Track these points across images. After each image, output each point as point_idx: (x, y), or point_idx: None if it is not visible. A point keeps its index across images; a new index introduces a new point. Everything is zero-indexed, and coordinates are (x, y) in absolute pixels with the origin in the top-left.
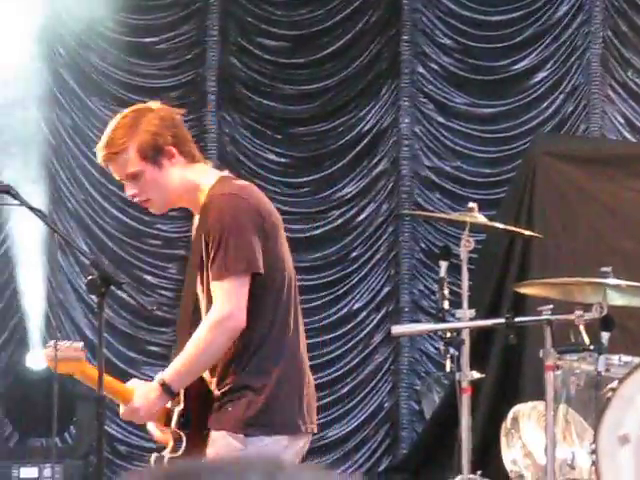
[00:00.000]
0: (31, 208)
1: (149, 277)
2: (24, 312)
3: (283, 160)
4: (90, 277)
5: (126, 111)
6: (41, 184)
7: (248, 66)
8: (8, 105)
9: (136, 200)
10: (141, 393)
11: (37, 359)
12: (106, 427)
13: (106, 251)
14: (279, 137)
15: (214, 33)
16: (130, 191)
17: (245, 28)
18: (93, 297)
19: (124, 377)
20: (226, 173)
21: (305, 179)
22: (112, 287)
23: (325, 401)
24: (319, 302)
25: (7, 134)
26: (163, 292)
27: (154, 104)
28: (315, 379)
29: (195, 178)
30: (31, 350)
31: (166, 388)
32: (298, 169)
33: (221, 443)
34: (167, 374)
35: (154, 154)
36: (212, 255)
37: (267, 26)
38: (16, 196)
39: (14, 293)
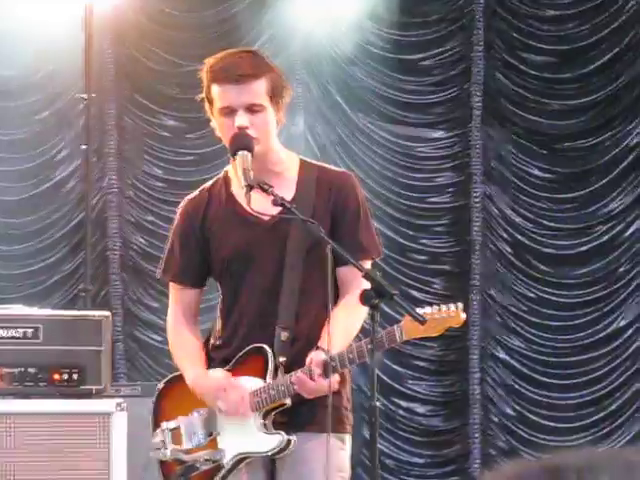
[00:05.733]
0: (303, 220)
1: (414, 292)
2: None
3: (548, 176)
4: (364, 289)
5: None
6: None
7: (513, 81)
8: None
9: (242, 132)
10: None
11: None
12: None
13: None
14: (544, 152)
15: (479, 49)
16: (243, 121)
17: (510, 43)
18: None
19: (389, 392)
20: None
21: (571, 195)
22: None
23: (592, 419)
24: (585, 319)
25: None
26: None
27: None
28: (580, 397)
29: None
30: None
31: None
32: (563, 185)
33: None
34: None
35: (279, 99)
36: (363, 231)
37: (533, 41)
38: (290, 210)
39: None
